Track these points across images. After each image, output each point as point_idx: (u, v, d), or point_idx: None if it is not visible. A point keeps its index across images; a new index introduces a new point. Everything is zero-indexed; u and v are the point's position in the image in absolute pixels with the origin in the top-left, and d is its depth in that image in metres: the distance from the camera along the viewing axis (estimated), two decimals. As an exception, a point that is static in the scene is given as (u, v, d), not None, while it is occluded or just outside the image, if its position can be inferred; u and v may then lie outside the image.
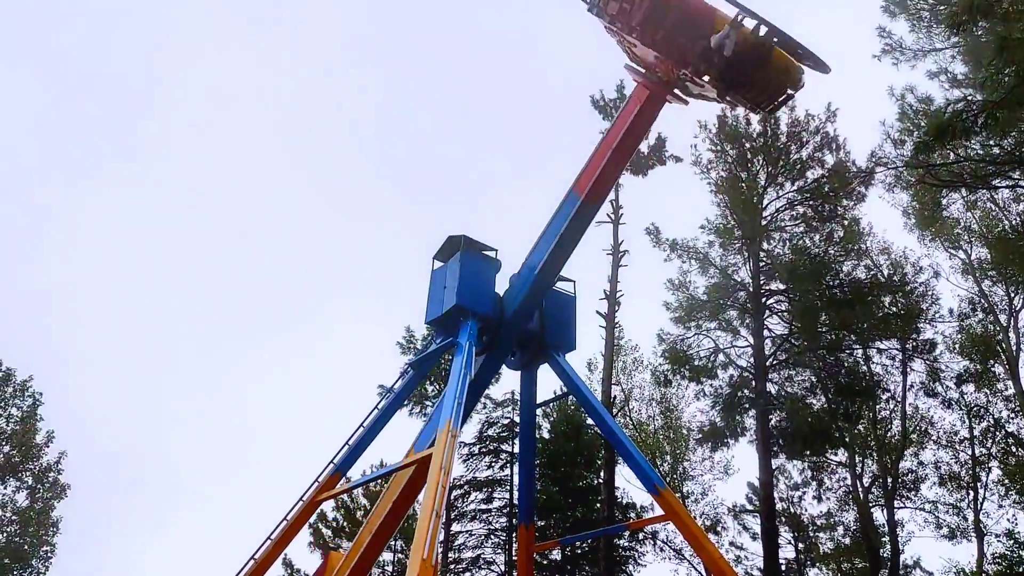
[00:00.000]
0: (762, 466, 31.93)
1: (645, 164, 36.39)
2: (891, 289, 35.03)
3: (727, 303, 35.28)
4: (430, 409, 38.85)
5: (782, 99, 18.01)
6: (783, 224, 35.83)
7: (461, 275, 20.47)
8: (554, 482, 39.89)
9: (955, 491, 36.95)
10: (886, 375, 36.58)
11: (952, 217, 37.68)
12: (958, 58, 30.08)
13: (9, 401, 40.73)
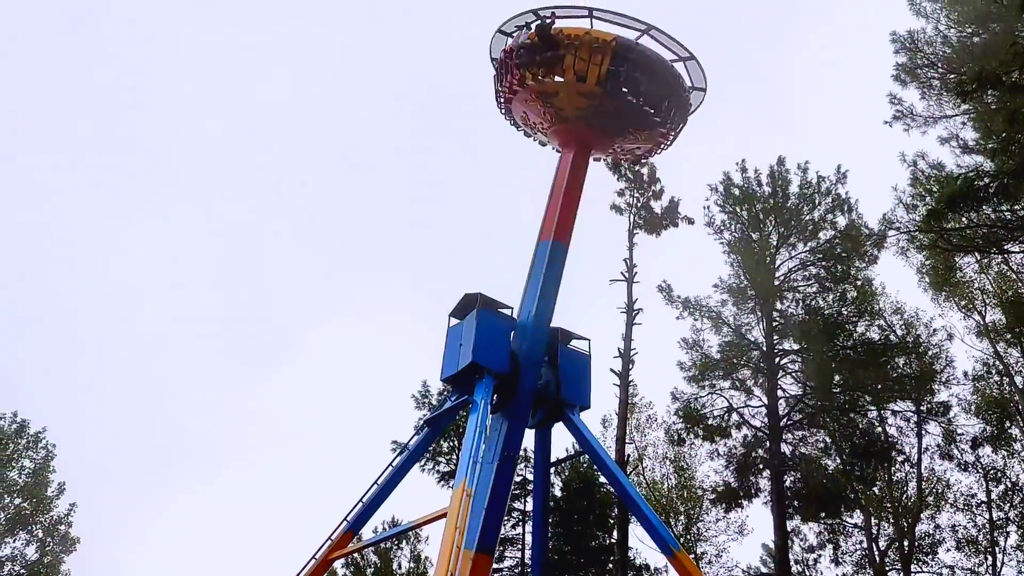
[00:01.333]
0: (777, 528, 31.61)
1: (658, 225, 36.80)
2: (905, 350, 35.01)
3: (740, 362, 35.31)
4: (444, 466, 38.82)
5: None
6: (796, 284, 36.02)
7: (477, 333, 20.75)
8: (567, 541, 39.49)
9: (973, 555, 36.34)
10: (901, 437, 36.34)
11: (966, 279, 37.77)
12: (969, 125, 30.55)
13: (23, 453, 40.82)
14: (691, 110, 24.62)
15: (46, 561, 39.55)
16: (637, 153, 25.64)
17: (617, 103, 22.54)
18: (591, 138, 23.92)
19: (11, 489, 39.61)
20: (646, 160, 26.98)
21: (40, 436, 41.27)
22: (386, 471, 22.43)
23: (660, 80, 22.82)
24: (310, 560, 21.45)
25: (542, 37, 22.48)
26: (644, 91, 22.50)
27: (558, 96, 22.98)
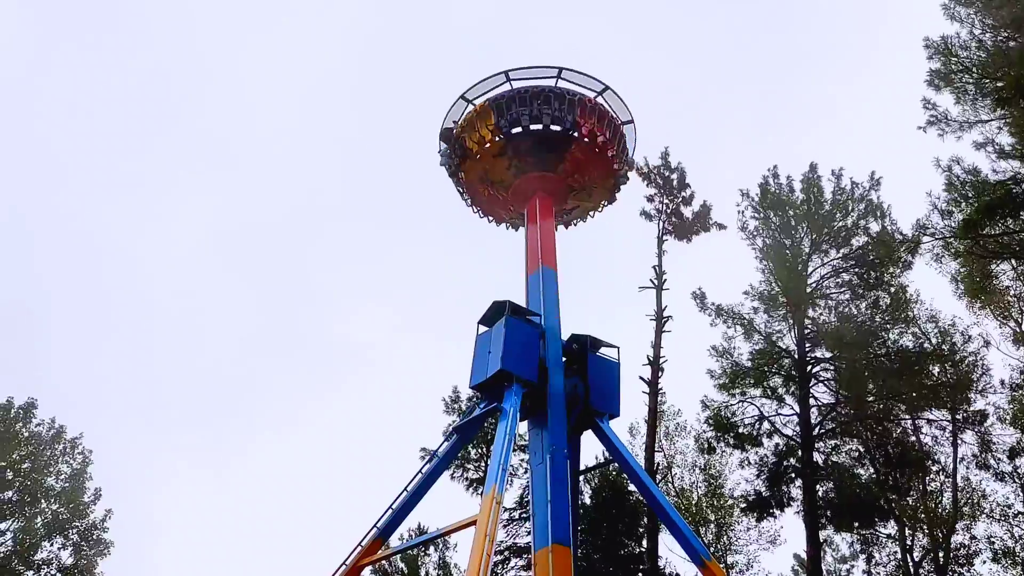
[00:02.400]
0: (809, 538, 31.25)
1: (689, 231, 36.65)
2: (940, 358, 34.47)
3: (772, 370, 35.01)
4: (472, 473, 38.84)
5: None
6: (828, 291, 35.65)
7: (506, 341, 20.80)
8: (596, 549, 39.29)
9: (1010, 567, 35.66)
10: (936, 446, 35.76)
11: (1002, 286, 37.15)
12: (1005, 129, 30.09)
13: (60, 459, 41.43)
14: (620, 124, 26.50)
15: (81, 565, 40.06)
16: (599, 185, 26.75)
17: (526, 141, 24.91)
18: (541, 181, 25.55)
19: (48, 495, 40.22)
20: (613, 195, 27.71)
21: (77, 442, 41.87)
22: (415, 478, 22.52)
23: (548, 102, 24.93)
24: (340, 566, 21.57)
25: (447, 140, 25.86)
26: (534, 115, 24.69)
27: (488, 171, 25.54)
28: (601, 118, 25.51)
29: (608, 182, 26.53)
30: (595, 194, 26.85)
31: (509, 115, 24.69)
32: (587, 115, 25.18)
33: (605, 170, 25.97)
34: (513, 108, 24.78)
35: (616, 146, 25.98)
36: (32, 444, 40.51)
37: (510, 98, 24.89)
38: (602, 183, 26.39)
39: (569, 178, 25.59)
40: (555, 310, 22.79)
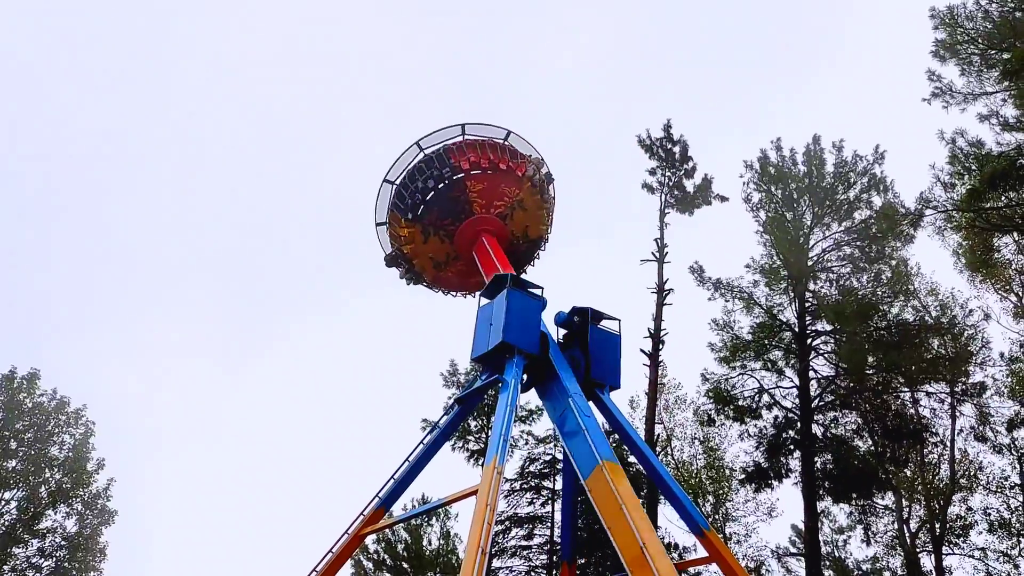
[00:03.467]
0: (807, 509, 31.49)
1: (691, 204, 36.54)
2: (940, 331, 34.55)
3: (772, 343, 35.09)
4: (473, 444, 39.11)
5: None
6: (829, 265, 35.63)
7: (507, 312, 20.80)
8: (595, 520, 39.61)
9: (1006, 538, 36.03)
10: (934, 418, 35.98)
11: (1004, 260, 37.15)
12: (1010, 102, 29.92)
13: (63, 429, 41.71)
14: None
15: (85, 533, 40.48)
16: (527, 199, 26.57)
17: (432, 212, 25.41)
18: (471, 229, 25.72)
19: (52, 464, 40.54)
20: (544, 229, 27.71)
21: (80, 413, 42.14)
22: (417, 449, 22.66)
23: (427, 168, 25.48)
24: (343, 535, 21.77)
25: (395, 263, 26.64)
26: (424, 188, 25.29)
27: (434, 256, 26.04)
28: (479, 145, 25.47)
29: (529, 189, 26.08)
30: (534, 215, 26.46)
31: (408, 203, 25.19)
32: (460, 152, 25.26)
33: (514, 181, 25.70)
34: (407, 195, 25.28)
35: (506, 153, 25.76)
36: (35, 414, 40.78)
37: (400, 189, 25.46)
38: (526, 195, 25.99)
39: (490, 208, 25.39)
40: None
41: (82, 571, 40.09)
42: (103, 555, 40.83)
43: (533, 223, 26.75)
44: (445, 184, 24.99)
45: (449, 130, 25.61)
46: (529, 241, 26.87)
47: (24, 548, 39.34)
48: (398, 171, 26.02)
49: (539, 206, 26.57)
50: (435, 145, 25.66)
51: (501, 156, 25.63)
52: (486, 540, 15.77)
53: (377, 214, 26.71)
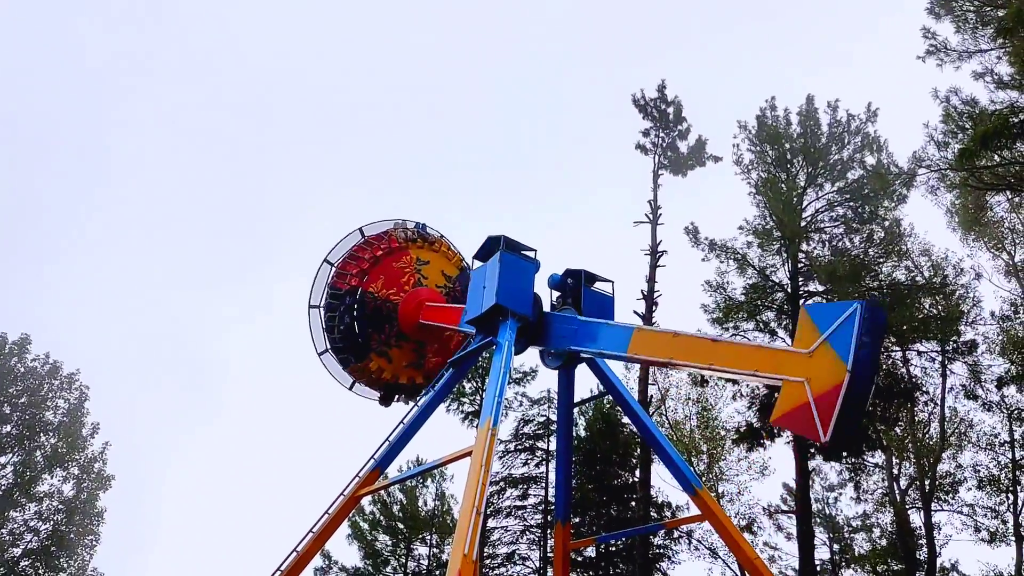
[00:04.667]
0: (798, 467, 31.85)
1: (684, 165, 36.39)
2: (931, 291, 34.69)
3: (765, 304, 35.17)
4: (468, 406, 39.30)
5: None
6: (822, 225, 35.62)
7: (501, 275, 20.73)
8: (589, 480, 40.04)
9: (994, 494, 36.54)
10: (925, 377, 36.28)
11: (996, 218, 37.22)
12: (1004, 59, 29.69)
13: (56, 393, 41.77)
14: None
15: (82, 498, 40.74)
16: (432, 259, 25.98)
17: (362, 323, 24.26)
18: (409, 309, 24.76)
19: (46, 429, 40.66)
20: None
21: (73, 378, 42.18)
22: (411, 411, 22.74)
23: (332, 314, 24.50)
24: (339, 496, 21.92)
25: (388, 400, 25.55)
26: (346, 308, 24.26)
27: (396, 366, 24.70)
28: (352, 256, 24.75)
29: (414, 247, 25.35)
30: (438, 260, 25.62)
31: (349, 346, 24.18)
32: (343, 274, 24.43)
33: (397, 253, 24.94)
34: (342, 343, 24.24)
35: (372, 242, 25.02)
36: (28, 379, 40.81)
37: (333, 345, 24.37)
38: (416, 252, 25.28)
39: (403, 289, 24.72)
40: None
41: (80, 535, 40.42)
42: (101, 519, 41.16)
43: (445, 265, 25.89)
44: (357, 308, 24.07)
45: (349, 238, 24.90)
46: (459, 278, 26.38)
47: (21, 512, 39.62)
48: (317, 294, 24.80)
49: (435, 249, 25.65)
50: (342, 257, 24.74)
51: (373, 247, 24.84)
52: (481, 500, 15.90)
53: (317, 344, 25.27)
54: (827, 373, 14.18)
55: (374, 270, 24.15)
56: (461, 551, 14.76)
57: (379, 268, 24.34)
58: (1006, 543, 35.92)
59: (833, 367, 14.15)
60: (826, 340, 14.51)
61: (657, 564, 39.05)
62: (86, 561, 40.46)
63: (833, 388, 13.96)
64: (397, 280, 24.58)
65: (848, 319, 14.34)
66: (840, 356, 14.19)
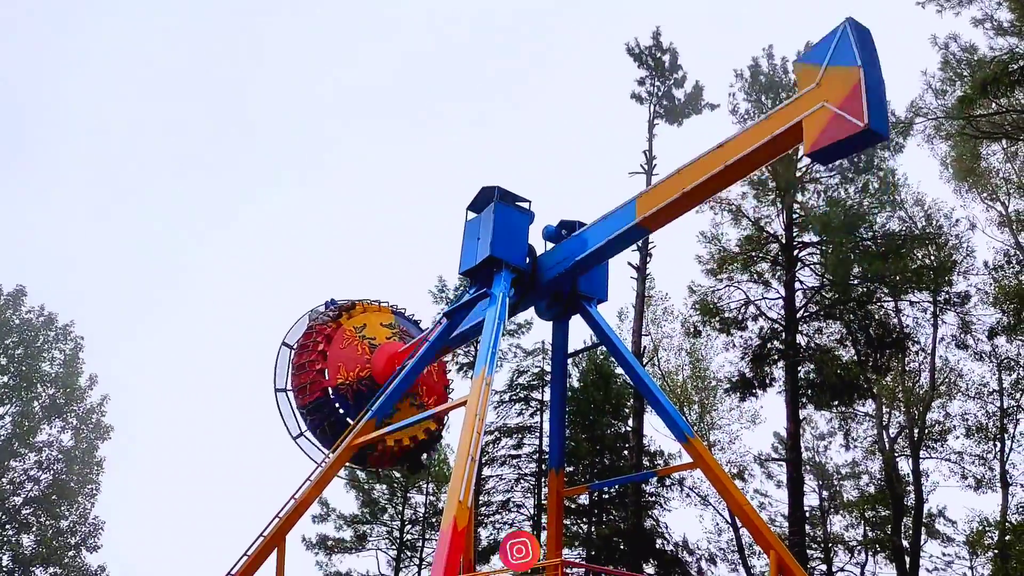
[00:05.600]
0: (789, 416, 32.23)
1: (680, 114, 36.11)
2: (925, 241, 34.76)
3: (759, 255, 35.23)
4: (462, 357, 39.50)
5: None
6: (818, 176, 35.53)
7: (495, 226, 20.72)
8: (583, 430, 40.51)
9: (982, 442, 37.10)
10: (917, 328, 36.56)
11: (991, 168, 37.14)
12: (1004, 5, 29.35)
13: (52, 344, 41.87)
14: None
15: (82, 448, 41.10)
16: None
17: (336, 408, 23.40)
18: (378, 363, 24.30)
19: (44, 379, 40.84)
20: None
21: (68, 329, 42.24)
22: (407, 363, 22.92)
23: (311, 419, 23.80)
24: (336, 446, 22.17)
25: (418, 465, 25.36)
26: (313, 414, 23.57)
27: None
28: (299, 351, 24.06)
29: (346, 320, 24.57)
30: (373, 317, 25.14)
31: (331, 432, 23.32)
32: (300, 374, 23.72)
33: (336, 335, 24.07)
34: (331, 434, 23.38)
35: (313, 330, 24.29)
36: (24, 331, 40.86)
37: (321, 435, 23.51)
38: (354, 322, 24.63)
39: (359, 360, 23.99)
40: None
41: (80, 484, 40.87)
42: (100, 468, 41.58)
43: (378, 319, 25.22)
44: (341, 407, 23.25)
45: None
46: (398, 320, 25.82)
47: (21, 461, 40.01)
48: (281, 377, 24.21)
49: (367, 312, 24.95)
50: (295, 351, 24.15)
51: (315, 336, 23.96)
52: (476, 448, 16.12)
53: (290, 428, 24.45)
54: (840, 83, 14.41)
55: (327, 364, 23.43)
56: (457, 497, 15.01)
57: (331, 359, 23.57)
58: (992, 489, 36.61)
59: (844, 75, 14.38)
60: (828, 63, 14.77)
61: (649, 511, 39.74)
62: (87, 509, 41.01)
63: (853, 88, 14.20)
64: (352, 357, 23.98)
65: (842, 36, 14.72)
66: (846, 64, 14.44)
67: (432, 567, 14.65)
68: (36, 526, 39.56)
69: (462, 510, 14.90)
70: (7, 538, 38.73)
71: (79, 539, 40.27)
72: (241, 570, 21.21)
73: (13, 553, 38.36)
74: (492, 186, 21.36)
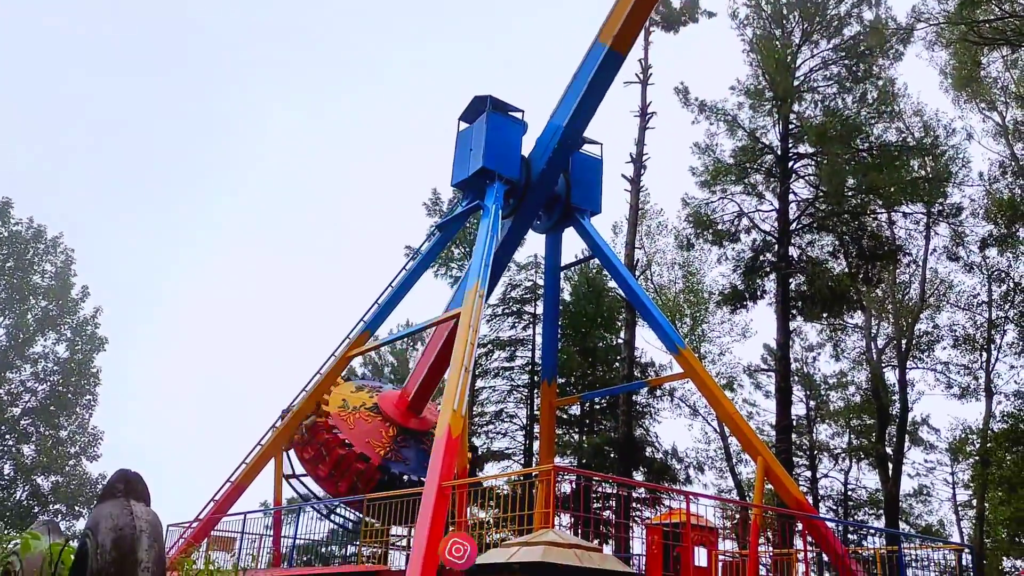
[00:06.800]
0: (780, 328, 32.52)
1: (677, 20, 35.23)
2: (921, 152, 34.49)
3: (754, 167, 34.95)
4: (456, 271, 39.53)
5: None
6: (816, 84, 34.96)
7: (487, 137, 20.38)
8: (575, 343, 40.89)
9: (968, 352, 37.69)
10: (909, 239, 36.65)
11: (991, 77, 36.59)
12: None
13: (43, 257, 41.66)
14: None
15: (77, 359, 41.35)
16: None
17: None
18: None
19: (35, 291, 40.78)
20: None
21: (58, 241, 41.98)
22: (399, 274, 22.93)
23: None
24: (330, 357, 22.36)
25: None
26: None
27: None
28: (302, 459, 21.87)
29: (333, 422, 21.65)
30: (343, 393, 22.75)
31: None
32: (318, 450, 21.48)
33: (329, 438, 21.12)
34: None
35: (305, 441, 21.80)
36: (14, 243, 40.59)
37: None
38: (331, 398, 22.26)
39: (360, 417, 21.93)
40: (594, 104, 19.91)
41: (77, 395, 41.28)
42: (97, 380, 41.91)
43: (343, 392, 22.85)
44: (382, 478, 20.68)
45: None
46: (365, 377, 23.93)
47: (17, 373, 40.31)
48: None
49: (332, 395, 22.27)
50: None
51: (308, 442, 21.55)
52: (469, 359, 16.25)
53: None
54: None
55: (358, 450, 20.80)
56: (451, 407, 15.20)
57: (356, 443, 20.99)
58: (976, 398, 37.38)
59: None
60: None
61: (640, 421, 40.50)
62: (86, 420, 41.53)
63: None
64: (368, 429, 21.63)
65: None
66: None
67: (427, 472, 14.94)
68: (35, 436, 40.13)
69: (456, 418, 15.11)
70: (7, 447, 39.34)
71: (79, 448, 40.93)
72: (240, 477, 21.69)
73: (15, 462, 39.03)
74: (484, 95, 20.95)
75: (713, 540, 15.76)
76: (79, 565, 3.60)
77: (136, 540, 3.32)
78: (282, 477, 21.83)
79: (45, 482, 39.64)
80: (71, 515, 39.10)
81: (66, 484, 39.48)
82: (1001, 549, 41.25)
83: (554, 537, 12.02)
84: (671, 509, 16.92)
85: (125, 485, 3.72)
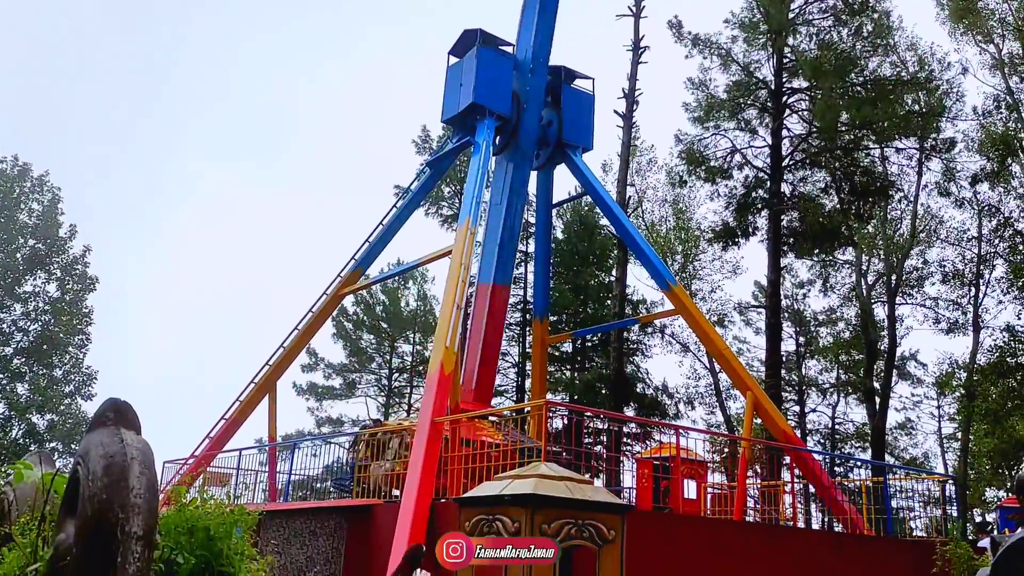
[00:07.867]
0: (771, 264, 32.61)
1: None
2: (916, 86, 34.17)
3: (747, 102, 34.61)
4: (446, 210, 39.33)
5: None
6: (811, 17, 34.42)
7: (477, 72, 20.11)
8: (566, 280, 40.96)
9: (957, 288, 37.98)
10: (901, 175, 36.57)
11: (987, 8, 36.03)
12: None
13: (29, 195, 41.22)
14: None
15: (68, 299, 41.25)
16: None
17: None
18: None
19: (23, 231, 40.45)
20: None
21: (44, 180, 41.49)
22: (390, 212, 22.83)
23: None
24: (322, 295, 22.41)
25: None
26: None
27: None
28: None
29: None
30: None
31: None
32: None
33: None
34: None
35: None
36: (-1, 182, 40.11)
37: None
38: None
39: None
40: (550, 22, 20.37)
41: (69, 334, 41.26)
42: (89, 319, 41.87)
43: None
44: None
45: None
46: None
47: (8, 312, 40.22)
48: None
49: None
50: None
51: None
52: (461, 296, 16.32)
53: None
54: None
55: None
56: (444, 343, 15.30)
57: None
58: (964, 333, 37.77)
59: None
60: None
61: (631, 357, 40.84)
62: (79, 359, 41.59)
63: None
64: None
65: None
66: None
67: (421, 408, 15.10)
68: (29, 375, 40.24)
69: (448, 355, 15.22)
70: (1, 386, 39.48)
71: (73, 387, 41.10)
72: (234, 414, 21.91)
73: (8, 401, 39.22)
74: (474, 29, 20.59)
75: (702, 473, 16.05)
76: (71, 493, 3.62)
77: (127, 467, 3.34)
78: (275, 413, 22.10)
79: (40, 421, 39.91)
80: (67, 453, 39.44)
81: (62, 423, 39.74)
82: (984, 480, 42.20)
83: (545, 471, 12.19)
84: (661, 443, 17.18)
85: (115, 414, 3.72)
